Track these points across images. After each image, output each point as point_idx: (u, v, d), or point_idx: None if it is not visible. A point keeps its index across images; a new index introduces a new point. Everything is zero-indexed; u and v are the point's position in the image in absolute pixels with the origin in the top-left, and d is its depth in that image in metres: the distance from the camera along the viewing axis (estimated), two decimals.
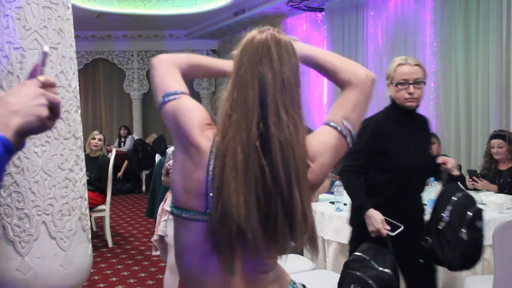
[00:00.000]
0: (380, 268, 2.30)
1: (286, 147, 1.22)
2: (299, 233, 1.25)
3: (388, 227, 2.49)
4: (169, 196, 3.59)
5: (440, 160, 2.69)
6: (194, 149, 1.27)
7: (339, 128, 1.33)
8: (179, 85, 1.36)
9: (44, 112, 1.00)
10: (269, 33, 1.29)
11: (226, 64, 1.43)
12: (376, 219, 2.49)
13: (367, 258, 2.35)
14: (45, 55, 1.07)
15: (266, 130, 1.22)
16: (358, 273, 2.30)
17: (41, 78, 1.03)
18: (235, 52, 1.31)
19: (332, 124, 1.34)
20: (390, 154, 2.59)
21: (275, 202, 1.23)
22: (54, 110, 1.03)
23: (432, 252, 2.55)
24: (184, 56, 1.45)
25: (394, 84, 2.67)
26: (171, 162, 3.19)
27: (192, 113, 1.30)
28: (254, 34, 1.30)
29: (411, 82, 2.61)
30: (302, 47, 1.40)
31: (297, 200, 1.23)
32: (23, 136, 0.98)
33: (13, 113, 0.98)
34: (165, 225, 3.45)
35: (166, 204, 3.54)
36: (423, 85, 2.64)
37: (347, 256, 3.36)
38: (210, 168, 1.25)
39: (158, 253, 3.67)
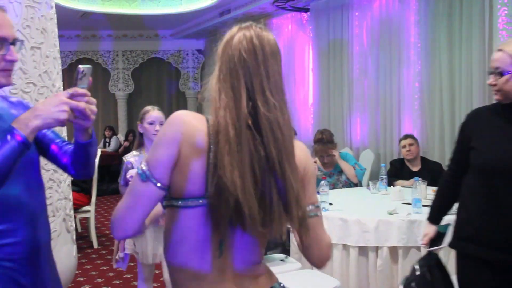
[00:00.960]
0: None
1: (275, 126, 1.28)
2: (294, 211, 1.29)
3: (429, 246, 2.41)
4: None
5: None
6: (193, 143, 1.29)
7: None
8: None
9: (63, 116, 1.37)
10: (252, 29, 1.36)
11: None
12: (424, 232, 2.47)
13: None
14: (78, 72, 1.44)
15: (255, 110, 1.28)
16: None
17: (70, 90, 1.41)
18: (219, 47, 1.37)
19: None
20: (476, 150, 2.17)
21: (269, 179, 1.27)
22: (83, 113, 1.42)
23: None
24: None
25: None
26: (132, 172, 2.94)
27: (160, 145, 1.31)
28: (237, 29, 1.38)
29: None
30: None
31: (290, 178, 1.27)
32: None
33: (36, 117, 1.36)
34: (132, 243, 3.14)
35: None
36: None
37: (333, 255, 3.38)
38: (211, 153, 1.27)
39: (122, 267, 3.27)
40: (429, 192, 4.04)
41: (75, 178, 1.76)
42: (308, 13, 7.80)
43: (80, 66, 1.45)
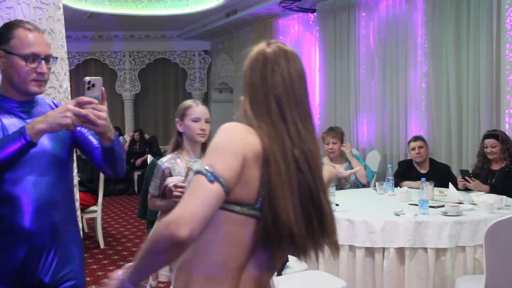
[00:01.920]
0: None
1: (309, 155, 1.34)
2: (332, 237, 1.39)
3: None
4: None
5: None
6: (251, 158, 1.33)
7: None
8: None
9: (65, 121, 1.61)
10: (276, 45, 1.38)
11: None
12: None
13: None
14: (84, 82, 1.67)
15: (292, 141, 1.33)
16: None
17: (77, 98, 1.65)
18: (247, 67, 1.40)
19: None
20: None
21: (310, 207, 1.34)
22: (88, 119, 1.63)
23: None
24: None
25: None
26: (173, 179, 2.53)
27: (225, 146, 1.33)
28: (262, 47, 1.40)
29: None
30: None
31: (326, 205, 1.36)
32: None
33: (42, 121, 1.63)
34: (169, 269, 2.70)
35: None
36: None
37: (339, 256, 3.37)
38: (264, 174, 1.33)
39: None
40: (436, 193, 4.02)
41: (108, 177, 2.07)
42: (315, 13, 7.79)
43: (86, 77, 1.69)
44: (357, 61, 6.91)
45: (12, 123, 1.80)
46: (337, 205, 3.60)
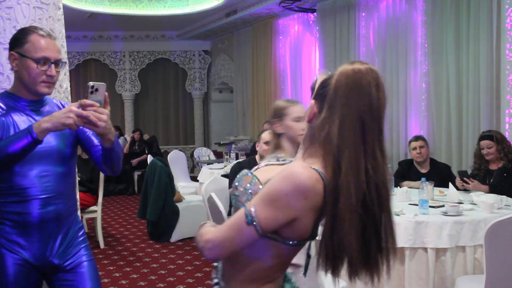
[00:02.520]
0: None
1: (382, 189, 1.30)
2: (388, 264, 1.37)
3: None
4: None
5: None
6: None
7: None
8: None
9: (68, 121, 1.78)
10: (373, 75, 1.31)
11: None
12: None
13: None
14: (88, 87, 1.83)
15: (367, 173, 1.28)
16: None
17: (80, 101, 1.81)
18: (338, 80, 1.31)
19: None
20: None
21: (372, 239, 1.32)
22: (89, 120, 1.79)
23: None
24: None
25: None
26: None
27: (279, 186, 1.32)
28: (359, 68, 1.30)
29: None
30: None
31: (390, 238, 1.34)
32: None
33: (48, 121, 1.81)
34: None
35: None
36: None
37: None
38: (327, 211, 1.31)
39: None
40: (436, 193, 4.02)
41: (105, 174, 2.16)
42: (315, 13, 7.79)
43: (90, 82, 1.86)
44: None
45: (22, 120, 2.00)
46: None
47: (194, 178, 7.96)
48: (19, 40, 2.02)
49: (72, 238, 2.13)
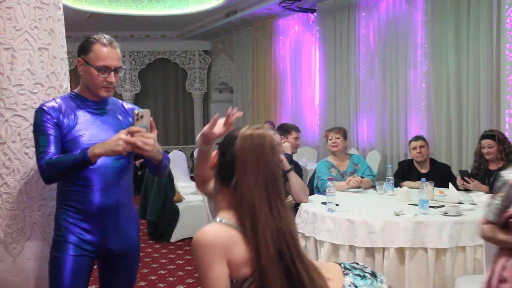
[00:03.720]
0: None
1: (288, 237, 1.50)
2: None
3: None
4: None
5: None
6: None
7: None
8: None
9: (117, 148, 2.00)
10: (268, 137, 1.54)
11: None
12: None
13: None
14: (134, 115, 2.08)
15: (276, 225, 1.49)
16: None
17: (128, 128, 2.05)
18: (237, 148, 1.53)
19: None
20: None
21: (290, 277, 1.49)
22: (136, 145, 2.01)
23: None
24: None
25: None
26: None
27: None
28: (259, 132, 1.55)
29: None
30: None
31: (303, 273, 1.50)
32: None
33: (101, 147, 2.03)
34: None
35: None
36: None
37: (339, 256, 3.38)
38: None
39: None
40: (436, 194, 4.02)
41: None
42: (315, 13, 7.79)
43: (135, 110, 2.15)
44: (357, 61, 6.92)
45: (86, 118, 2.28)
46: (337, 205, 3.60)
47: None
48: (85, 49, 2.31)
49: (128, 227, 2.34)
